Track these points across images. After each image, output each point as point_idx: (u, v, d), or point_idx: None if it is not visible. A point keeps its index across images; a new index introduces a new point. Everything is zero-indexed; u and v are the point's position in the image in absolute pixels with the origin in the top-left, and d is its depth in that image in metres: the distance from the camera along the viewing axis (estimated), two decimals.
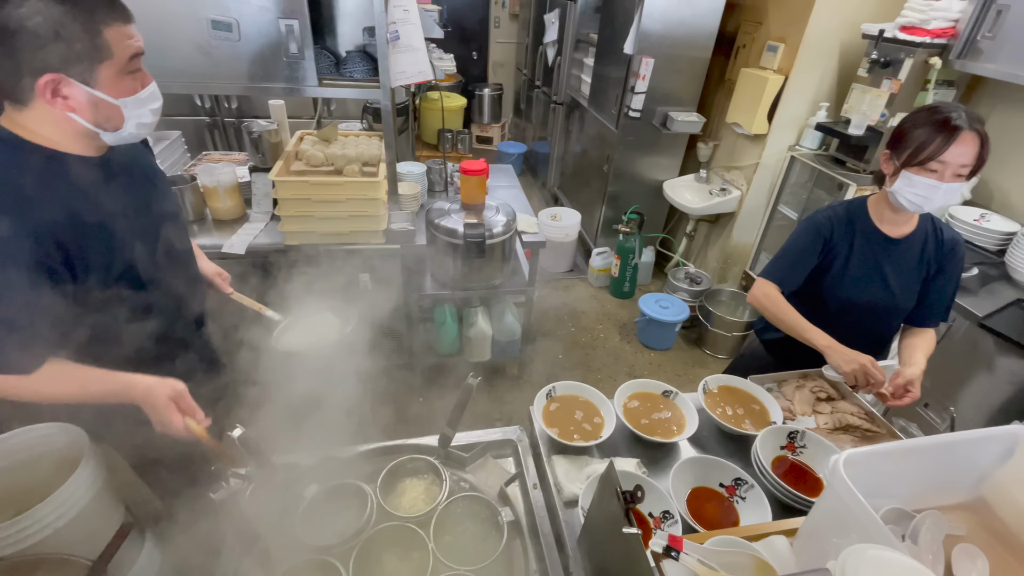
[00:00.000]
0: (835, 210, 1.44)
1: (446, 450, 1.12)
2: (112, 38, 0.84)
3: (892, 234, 1.38)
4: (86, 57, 0.83)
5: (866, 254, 1.39)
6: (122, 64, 0.87)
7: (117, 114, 0.90)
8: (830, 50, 2.64)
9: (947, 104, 1.23)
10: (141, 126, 0.95)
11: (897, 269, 1.39)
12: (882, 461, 0.69)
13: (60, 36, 0.80)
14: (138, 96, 0.91)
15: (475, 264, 2.28)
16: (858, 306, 1.42)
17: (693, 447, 1.23)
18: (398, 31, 1.91)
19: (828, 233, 1.41)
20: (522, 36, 5.72)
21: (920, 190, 1.22)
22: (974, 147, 1.16)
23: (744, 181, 3.05)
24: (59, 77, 0.82)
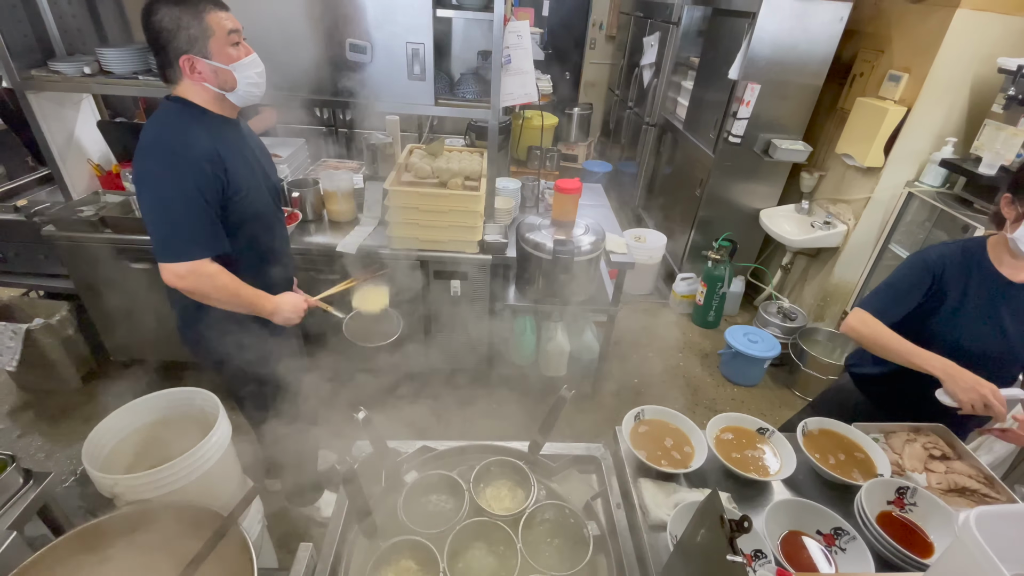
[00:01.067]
0: (949, 248, 1.36)
1: (535, 457, 1.16)
2: (212, 20, 1.22)
3: (1014, 278, 1.27)
4: (199, 37, 1.21)
5: (982, 297, 1.30)
6: (223, 38, 1.24)
7: (231, 77, 1.28)
8: (960, 83, 2.44)
9: None
10: (251, 86, 1.33)
11: (1016, 315, 1.28)
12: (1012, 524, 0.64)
13: (181, 27, 1.20)
14: (242, 62, 1.29)
15: (560, 280, 2.33)
16: (969, 352, 1.30)
17: (788, 489, 1.18)
18: (511, 55, 2.02)
19: (939, 271, 1.33)
20: (617, 57, 5.75)
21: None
22: None
23: (852, 215, 2.87)
24: (190, 56, 1.22)
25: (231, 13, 1.29)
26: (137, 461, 1.36)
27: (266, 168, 1.51)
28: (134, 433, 1.36)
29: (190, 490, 1.21)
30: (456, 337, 2.51)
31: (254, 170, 1.42)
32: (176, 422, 1.42)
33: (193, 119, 1.28)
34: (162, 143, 1.24)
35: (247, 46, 1.33)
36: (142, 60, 2.16)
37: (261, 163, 1.49)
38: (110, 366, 2.74)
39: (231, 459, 1.40)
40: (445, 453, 1.17)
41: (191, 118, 1.28)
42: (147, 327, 2.35)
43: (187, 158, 1.23)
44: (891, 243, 2.72)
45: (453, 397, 2.77)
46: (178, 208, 1.23)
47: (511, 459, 1.14)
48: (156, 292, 2.28)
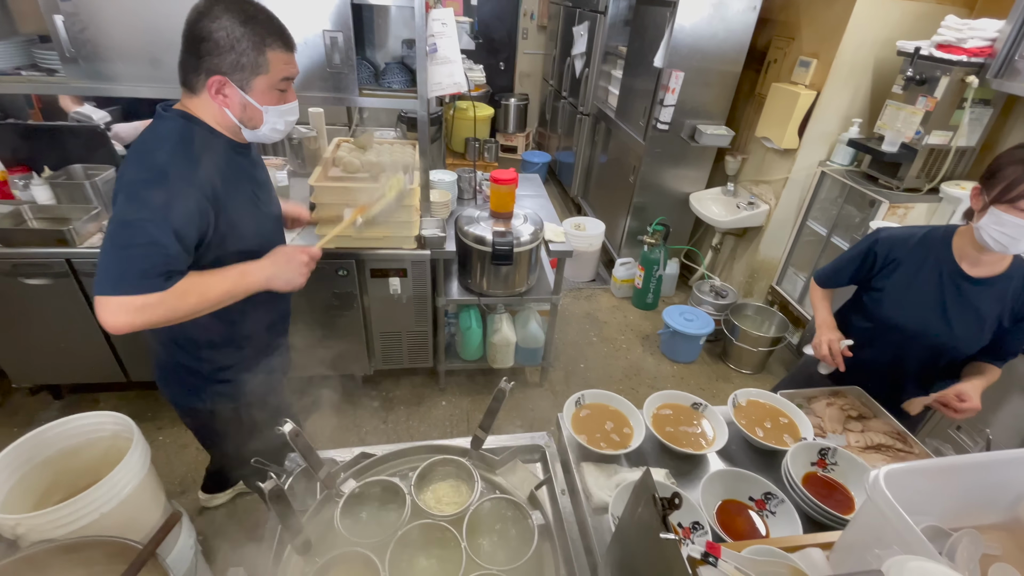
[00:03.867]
0: (910, 231, 1.40)
1: (478, 452, 1.14)
2: (272, 59, 1.08)
3: (971, 272, 1.30)
4: (248, 69, 1.07)
5: (932, 283, 1.33)
6: (274, 81, 1.10)
7: (258, 116, 1.13)
8: (864, 66, 2.62)
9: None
10: (274, 130, 1.18)
11: (964, 308, 1.31)
12: (921, 478, 0.69)
13: (234, 49, 1.04)
14: (279, 108, 1.15)
15: (502, 271, 2.31)
16: (906, 330, 1.38)
17: (722, 460, 1.23)
18: (436, 44, 1.97)
19: (886, 250, 1.39)
20: (549, 47, 5.79)
21: (1008, 229, 1.15)
22: None
23: (772, 195, 3.04)
24: (224, 80, 1.06)
25: (294, 57, 1.13)
26: (45, 498, 1.24)
27: (269, 196, 1.33)
28: (40, 467, 1.24)
29: (106, 523, 1.11)
30: (399, 336, 2.45)
31: (256, 203, 1.24)
32: (86, 451, 1.30)
33: (201, 142, 1.10)
34: (156, 165, 1.04)
35: (293, 91, 1.18)
36: (26, 54, 1.94)
37: (266, 192, 1.31)
38: (12, 394, 2.47)
39: (152, 484, 1.29)
40: (384, 458, 1.13)
41: (198, 141, 1.10)
42: (49, 348, 2.14)
43: (177, 191, 1.02)
44: (808, 220, 2.91)
45: (400, 398, 2.71)
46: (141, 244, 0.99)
47: (453, 457, 1.12)
48: (55, 310, 2.09)
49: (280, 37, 1.08)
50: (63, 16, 1.70)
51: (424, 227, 2.19)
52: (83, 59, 1.78)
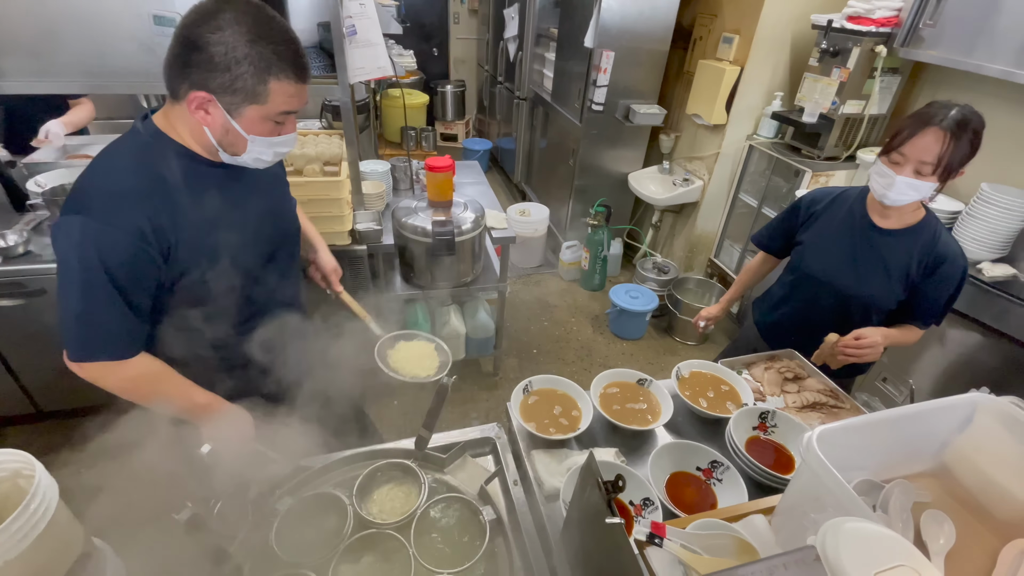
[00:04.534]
0: (829, 190, 1.50)
1: (423, 452, 1.10)
2: (275, 91, 0.90)
3: (881, 224, 1.37)
4: (242, 95, 0.89)
5: (844, 235, 1.41)
6: (271, 113, 0.93)
7: (241, 144, 0.96)
8: (782, 41, 2.72)
9: (943, 103, 1.21)
10: (258, 160, 1.00)
11: (873, 258, 1.37)
12: (852, 435, 0.71)
13: (230, 71, 0.86)
14: (269, 139, 0.97)
15: (445, 262, 2.25)
16: (819, 281, 1.46)
17: (670, 433, 1.24)
18: (355, 25, 1.86)
19: (807, 206, 1.49)
20: (482, 32, 5.68)
21: (882, 179, 1.26)
22: (936, 145, 1.16)
23: (706, 171, 3.12)
24: (210, 98, 0.89)
25: (306, 89, 0.95)
26: None
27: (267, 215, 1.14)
28: None
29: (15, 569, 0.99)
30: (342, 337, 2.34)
31: (243, 231, 1.05)
32: None
33: (161, 161, 0.93)
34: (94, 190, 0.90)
35: (293, 123, 1.00)
36: None
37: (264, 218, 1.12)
38: None
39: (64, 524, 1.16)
40: (323, 469, 1.06)
41: (158, 159, 0.93)
42: None
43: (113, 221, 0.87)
44: (740, 193, 3.01)
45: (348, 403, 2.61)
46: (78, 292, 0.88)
47: (397, 460, 1.06)
48: None
49: (292, 67, 0.90)
50: None
51: (357, 221, 2.09)
52: None
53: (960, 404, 0.80)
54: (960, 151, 1.17)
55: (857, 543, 0.48)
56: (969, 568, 0.74)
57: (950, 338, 1.88)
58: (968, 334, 1.80)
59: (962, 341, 1.84)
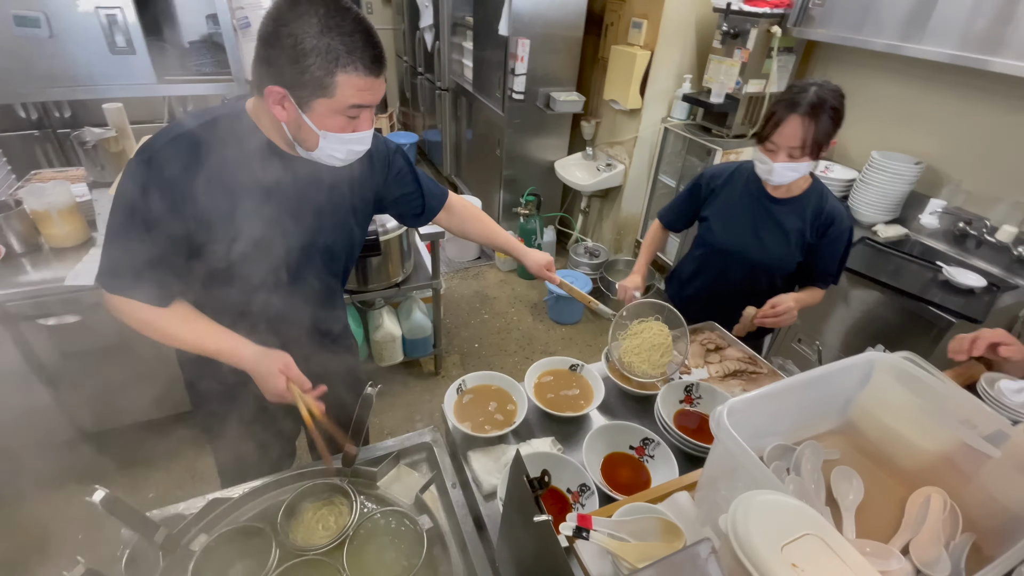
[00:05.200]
0: (727, 166, 1.56)
1: (352, 468, 1.04)
2: (343, 83, 0.88)
3: (774, 194, 1.46)
4: (310, 87, 0.87)
5: (745, 206, 1.49)
6: (340, 107, 0.90)
7: (314, 139, 0.94)
8: (687, 24, 2.81)
9: (802, 84, 1.29)
10: (332, 157, 0.98)
11: (772, 226, 1.46)
12: (762, 403, 0.74)
13: (298, 63, 0.85)
14: (341, 136, 0.95)
15: (372, 263, 2.17)
16: (728, 252, 1.53)
17: (604, 416, 1.26)
18: (247, 17, 1.72)
19: (707, 182, 1.55)
20: (397, 21, 5.50)
21: (763, 165, 1.35)
22: (799, 131, 1.25)
23: (626, 155, 3.19)
24: (284, 93, 0.88)
25: (379, 82, 0.91)
26: None
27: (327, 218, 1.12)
28: None
29: None
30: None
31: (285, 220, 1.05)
32: None
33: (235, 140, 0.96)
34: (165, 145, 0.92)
35: (369, 119, 0.97)
36: None
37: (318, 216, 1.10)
38: None
39: None
40: (242, 499, 0.98)
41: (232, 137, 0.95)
42: None
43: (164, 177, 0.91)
44: (660, 175, 3.11)
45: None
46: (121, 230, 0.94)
47: (323, 480, 1.01)
48: None
49: (362, 59, 0.87)
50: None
51: None
52: None
53: (859, 363, 0.85)
54: (823, 129, 1.27)
55: (765, 516, 0.49)
56: (879, 519, 0.79)
57: (853, 297, 2.03)
58: (868, 292, 1.96)
59: (863, 299, 1.99)
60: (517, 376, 1.27)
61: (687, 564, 0.42)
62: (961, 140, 2.11)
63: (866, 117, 2.45)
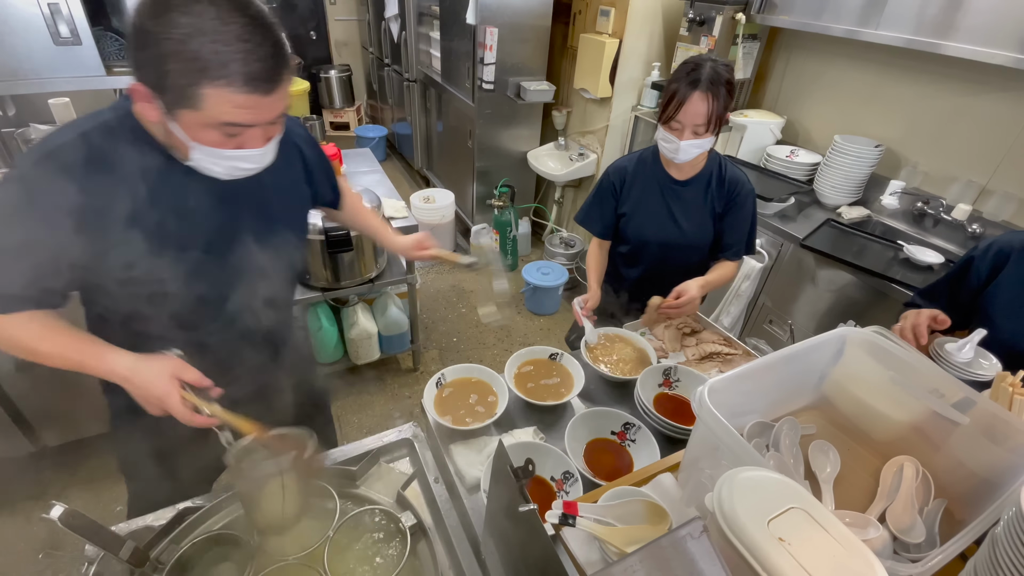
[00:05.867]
0: (629, 158, 1.56)
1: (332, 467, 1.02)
2: (211, 96, 0.74)
3: (678, 177, 1.49)
4: (171, 95, 0.75)
5: (656, 196, 1.51)
6: (210, 122, 0.77)
7: (184, 148, 0.83)
8: (654, 12, 2.82)
9: (697, 61, 1.29)
10: (208, 170, 0.86)
11: (685, 208, 1.49)
12: (741, 383, 0.75)
13: (156, 66, 0.73)
14: (219, 151, 0.82)
15: (344, 259, 2.12)
16: (654, 244, 1.54)
17: (584, 403, 1.26)
18: None
19: (619, 178, 1.54)
20: (362, 12, 5.38)
21: (668, 144, 1.36)
22: (704, 107, 1.26)
23: (598, 144, 3.20)
24: (147, 92, 0.76)
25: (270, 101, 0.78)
26: None
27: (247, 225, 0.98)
28: None
29: None
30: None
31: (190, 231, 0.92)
32: None
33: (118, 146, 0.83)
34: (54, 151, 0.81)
35: (259, 137, 0.83)
36: None
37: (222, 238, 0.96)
38: None
39: None
40: (215, 508, 0.94)
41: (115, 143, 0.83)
42: None
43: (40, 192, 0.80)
44: None
45: None
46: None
47: None
48: None
49: (242, 73, 0.73)
50: None
51: None
52: None
53: (831, 339, 0.87)
54: (722, 102, 1.29)
55: (750, 493, 0.50)
56: (856, 490, 0.81)
57: (821, 277, 2.09)
58: (835, 272, 2.01)
59: (831, 279, 2.05)
60: (497, 368, 1.26)
61: (679, 544, 0.42)
62: (917, 122, 2.18)
63: (828, 101, 2.51)
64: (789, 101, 2.69)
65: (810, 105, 2.60)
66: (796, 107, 2.65)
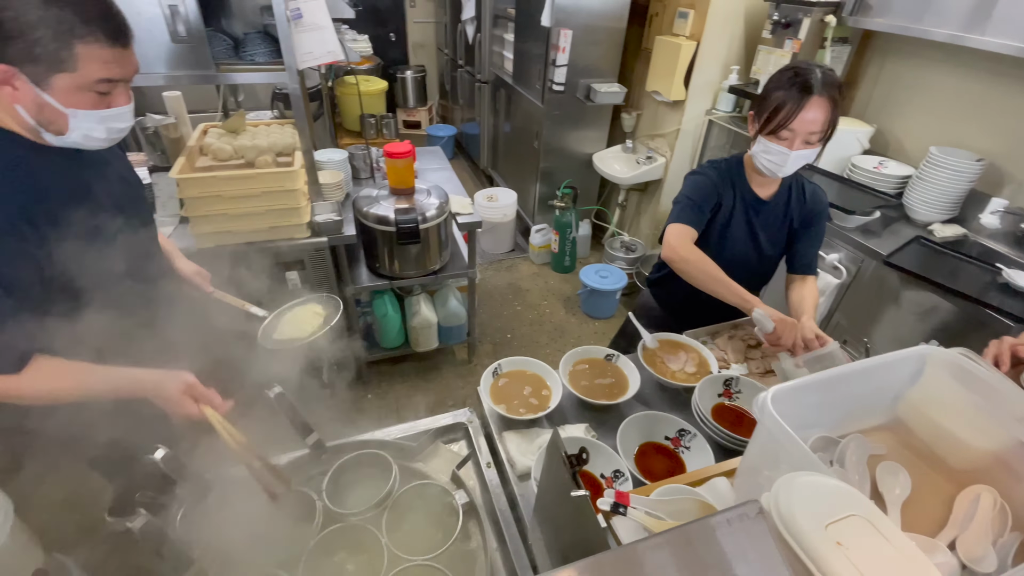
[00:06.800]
0: (719, 167, 1.42)
1: (394, 442, 1.08)
2: (84, 56, 0.82)
3: (762, 195, 1.41)
4: (45, 62, 0.82)
5: (743, 214, 1.41)
6: (85, 82, 0.85)
7: (62, 120, 0.88)
8: (736, 14, 2.73)
9: (804, 66, 1.21)
10: (89, 138, 0.91)
11: (766, 228, 1.43)
12: (807, 393, 0.73)
13: (25, 35, 0.78)
14: (97, 113, 0.88)
15: (411, 251, 2.21)
16: (735, 263, 1.41)
17: (640, 405, 1.25)
18: (299, 8, 1.78)
19: (720, 186, 1.41)
20: (440, 14, 5.55)
21: (774, 157, 1.26)
22: (823, 113, 1.18)
23: (668, 148, 3.14)
24: (12, 71, 0.81)
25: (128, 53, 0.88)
26: None
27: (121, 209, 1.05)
28: None
29: None
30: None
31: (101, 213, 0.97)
32: None
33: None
34: None
35: (124, 95, 0.92)
36: None
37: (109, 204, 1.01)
38: None
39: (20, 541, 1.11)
40: (289, 465, 1.03)
41: None
42: None
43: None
44: None
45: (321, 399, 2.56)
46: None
47: (367, 452, 1.05)
48: None
49: (102, 27, 0.82)
50: None
51: (316, 212, 2.03)
52: None
53: (910, 357, 0.82)
54: (839, 109, 1.21)
55: (809, 496, 0.49)
56: (925, 515, 0.77)
57: (905, 298, 1.95)
58: (922, 294, 1.87)
59: (916, 301, 1.91)
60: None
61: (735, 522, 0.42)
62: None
63: (925, 111, 2.33)
64: (880, 109, 2.52)
65: (904, 114, 2.43)
66: (887, 116, 2.48)
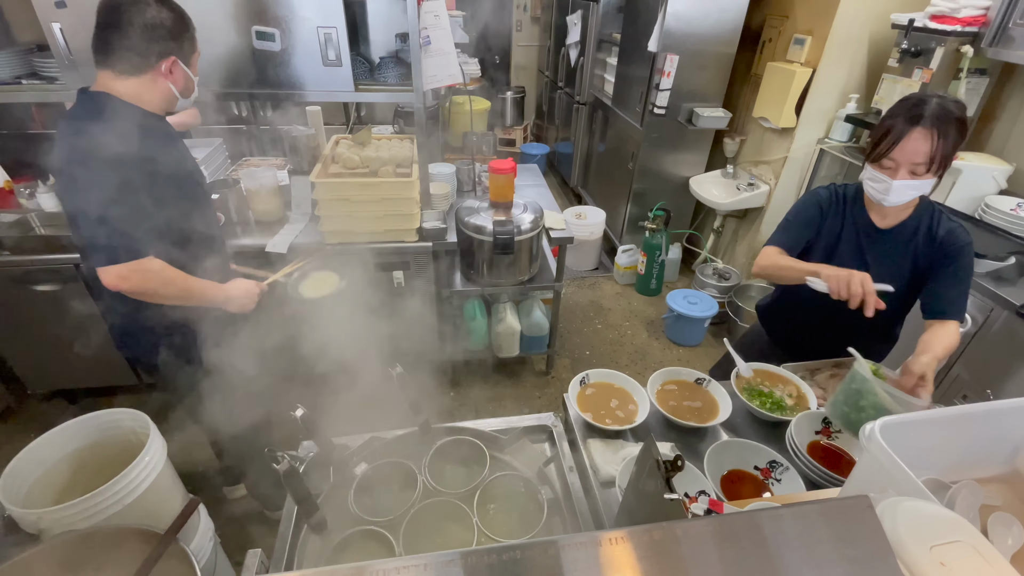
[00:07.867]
0: (836, 190, 1.43)
1: (486, 432, 1.17)
2: (195, 39, 1.36)
3: (879, 224, 1.36)
4: (191, 50, 1.35)
5: (853, 241, 1.38)
6: (198, 56, 1.39)
7: (192, 85, 1.40)
8: (859, 41, 2.61)
9: (922, 96, 1.17)
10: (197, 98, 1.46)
11: (880, 259, 1.36)
12: (918, 430, 0.71)
13: (183, 35, 1.30)
14: (196, 77, 1.41)
15: (504, 260, 2.33)
16: None
17: (726, 432, 1.25)
18: (429, 36, 1.98)
19: (828, 208, 1.41)
20: (543, 39, 5.77)
21: (877, 185, 1.24)
22: (926, 145, 1.14)
23: (772, 175, 3.03)
24: (177, 60, 1.30)
25: None
26: (66, 493, 1.27)
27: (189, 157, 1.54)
28: (60, 463, 1.27)
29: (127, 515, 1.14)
30: (405, 328, 2.47)
31: (181, 162, 1.44)
32: (105, 447, 1.32)
33: (128, 116, 1.28)
34: (99, 142, 1.21)
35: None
36: (25, 63, 1.97)
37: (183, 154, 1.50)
38: (28, 400, 2.52)
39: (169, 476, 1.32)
40: (394, 441, 1.15)
41: (125, 115, 1.27)
42: (64, 353, 2.17)
43: (126, 157, 1.22)
44: None
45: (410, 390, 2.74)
46: (118, 208, 1.21)
47: (463, 437, 1.14)
48: (68, 314, 2.12)
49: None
50: (60, 24, 1.72)
51: (425, 219, 2.21)
52: (82, 65, 1.80)
53: None
54: (950, 142, 1.15)
55: (915, 519, 0.49)
56: None
57: None
58: None
59: None
60: None
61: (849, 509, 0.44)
62: None
63: None
64: (1020, 147, 2.28)
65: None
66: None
